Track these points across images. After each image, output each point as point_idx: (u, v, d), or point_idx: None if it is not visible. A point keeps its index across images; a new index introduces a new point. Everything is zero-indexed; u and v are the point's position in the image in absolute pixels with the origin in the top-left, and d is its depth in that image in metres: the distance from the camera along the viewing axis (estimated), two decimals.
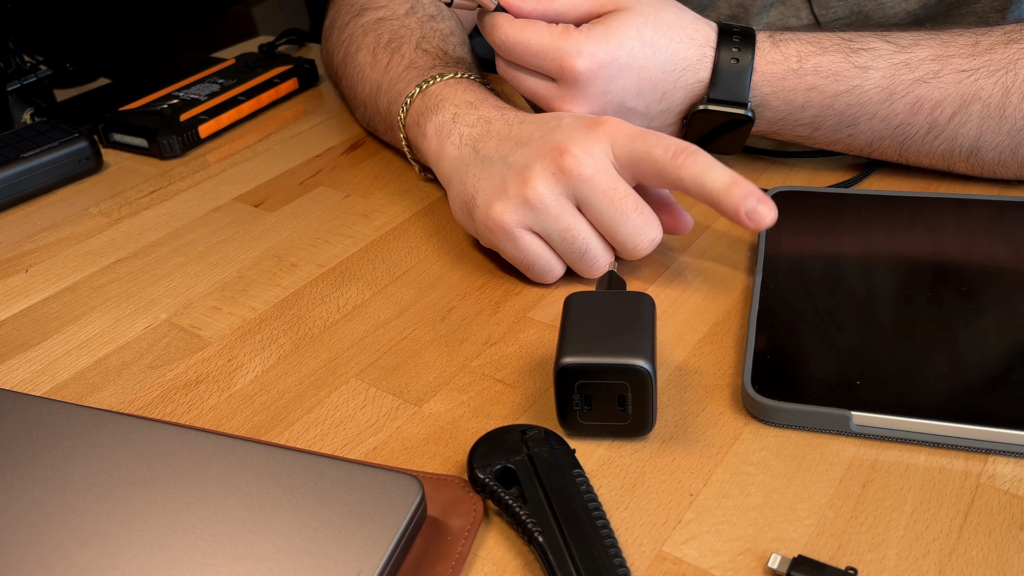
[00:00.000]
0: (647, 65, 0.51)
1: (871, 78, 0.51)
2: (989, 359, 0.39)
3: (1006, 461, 0.36)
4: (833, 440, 0.38)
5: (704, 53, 0.52)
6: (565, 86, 0.51)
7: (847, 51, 0.51)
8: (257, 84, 0.76)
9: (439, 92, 0.54)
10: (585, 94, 0.51)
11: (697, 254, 0.51)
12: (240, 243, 0.57)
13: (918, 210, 0.50)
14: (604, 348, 0.37)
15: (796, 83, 0.52)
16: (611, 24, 0.50)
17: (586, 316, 0.39)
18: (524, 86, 0.53)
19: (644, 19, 0.51)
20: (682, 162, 0.45)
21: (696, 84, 0.52)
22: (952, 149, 0.52)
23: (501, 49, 0.52)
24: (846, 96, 0.51)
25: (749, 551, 0.33)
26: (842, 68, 0.51)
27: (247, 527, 0.33)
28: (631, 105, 0.52)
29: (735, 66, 0.51)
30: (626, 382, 0.37)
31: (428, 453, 0.39)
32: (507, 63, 0.53)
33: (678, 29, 0.52)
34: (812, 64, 0.51)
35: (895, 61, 0.51)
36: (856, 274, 0.46)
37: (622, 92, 0.51)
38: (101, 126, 0.71)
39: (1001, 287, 0.43)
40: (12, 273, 0.56)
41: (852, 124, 0.53)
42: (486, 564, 0.34)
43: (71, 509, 0.34)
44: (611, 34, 0.50)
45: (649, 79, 0.51)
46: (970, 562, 0.32)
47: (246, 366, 0.45)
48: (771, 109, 0.53)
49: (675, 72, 0.52)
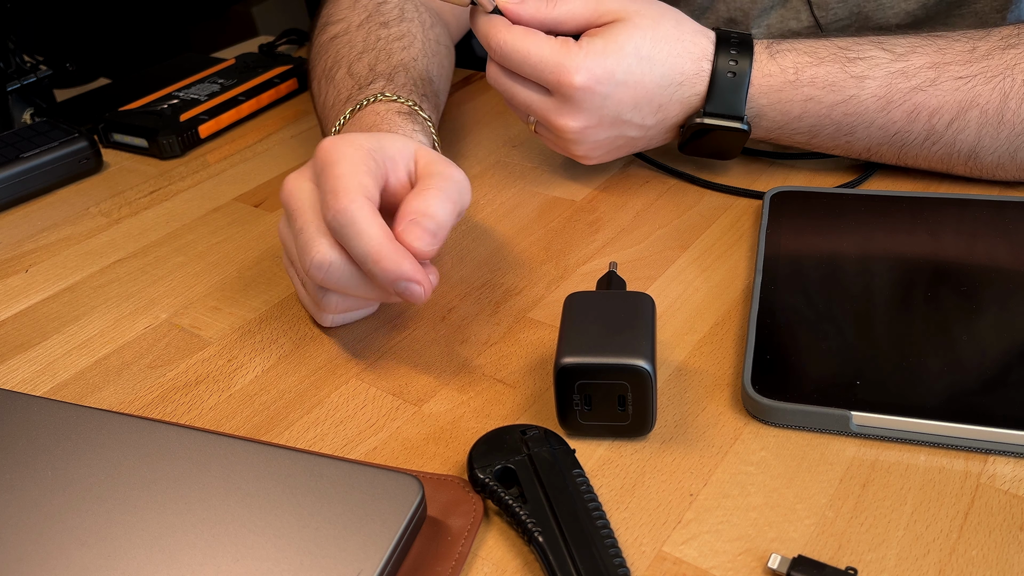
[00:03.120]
0: (643, 80, 0.51)
1: (868, 88, 0.51)
2: (989, 359, 0.39)
3: (1006, 461, 0.36)
4: (833, 440, 0.38)
5: (701, 67, 0.52)
6: (561, 100, 0.51)
7: (843, 61, 0.51)
8: (257, 84, 0.76)
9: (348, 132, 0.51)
10: (581, 109, 0.51)
11: (697, 254, 0.51)
12: (240, 243, 0.57)
13: (918, 210, 0.50)
14: (604, 348, 0.37)
15: (792, 95, 0.52)
16: (610, 38, 0.50)
17: (586, 316, 0.39)
18: (519, 98, 0.53)
19: (643, 33, 0.51)
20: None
21: (692, 97, 0.53)
22: (950, 154, 0.52)
23: (498, 55, 0.52)
24: (843, 106, 0.52)
25: (749, 551, 0.33)
26: (838, 79, 0.51)
27: (247, 527, 0.33)
28: (627, 118, 0.52)
29: (731, 80, 0.52)
30: (626, 382, 0.37)
31: (428, 453, 0.39)
32: (501, 70, 0.53)
33: (676, 43, 0.51)
34: (808, 75, 0.51)
35: (892, 70, 0.51)
36: (856, 274, 0.46)
37: (618, 106, 0.52)
38: (101, 126, 0.71)
39: (1001, 287, 0.43)
40: (12, 273, 0.56)
41: (850, 132, 0.53)
42: (486, 564, 0.34)
43: (71, 509, 0.34)
44: (610, 48, 0.50)
45: (646, 94, 0.52)
46: (970, 562, 0.32)
47: (246, 366, 0.45)
48: (768, 119, 0.53)
49: (671, 87, 0.52)
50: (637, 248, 0.52)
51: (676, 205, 0.56)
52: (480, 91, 0.76)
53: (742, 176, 0.58)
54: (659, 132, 0.55)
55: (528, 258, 0.52)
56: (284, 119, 0.74)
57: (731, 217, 0.54)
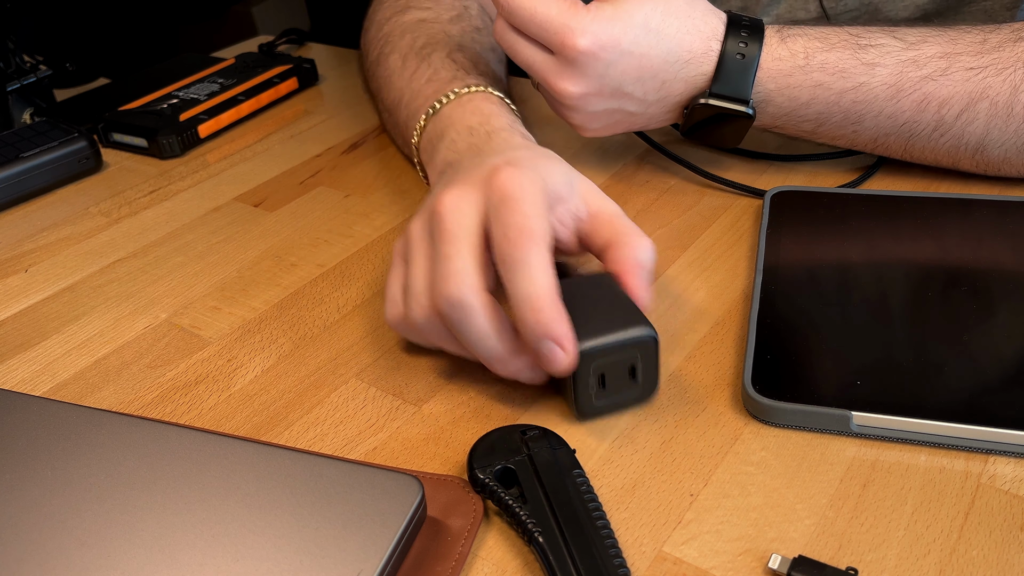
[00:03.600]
0: (649, 53, 0.50)
1: (878, 75, 0.50)
2: (990, 359, 0.39)
3: (1006, 461, 0.36)
4: (833, 440, 0.38)
5: (710, 47, 0.51)
6: (563, 62, 0.50)
7: (854, 47, 0.51)
8: (257, 84, 0.76)
9: (449, 115, 0.52)
10: (583, 74, 0.50)
11: (697, 254, 0.51)
12: (240, 243, 0.57)
13: (918, 210, 0.50)
14: (608, 328, 0.38)
15: (802, 80, 0.51)
16: (620, 5, 0.49)
17: (569, 304, 0.38)
18: (522, 55, 0.52)
19: (655, 5, 0.50)
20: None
21: (699, 77, 0.52)
22: (958, 146, 0.52)
23: (504, 10, 0.50)
24: (852, 93, 0.51)
25: (749, 551, 0.33)
26: (849, 65, 0.51)
27: (247, 527, 0.33)
28: (628, 91, 0.51)
29: (740, 62, 0.51)
30: (637, 353, 0.38)
31: (428, 453, 0.39)
32: (507, 26, 0.52)
33: (687, 19, 0.51)
34: (819, 61, 0.51)
35: (903, 58, 0.50)
36: (856, 274, 0.46)
37: (620, 77, 0.51)
38: (101, 126, 0.71)
39: (1002, 287, 0.43)
40: (12, 273, 0.56)
41: (858, 121, 0.52)
42: (486, 564, 0.34)
43: (71, 509, 0.34)
44: (619, 16, 0.49)
45: (650, 67, 0.51)
46: (970, 562, 0.32)
47: (246, 366, 0.45)
48: (775, 105, 0.53)
49: (677, 64, 0.51)
50: None
51: (676, 205, 0.56)
52: None
53: (742, 176, 0.58)
54: (660, 110, 0.54)
55: None
56: (284, 119, 0.74)
57: (731, 217, 0.54)
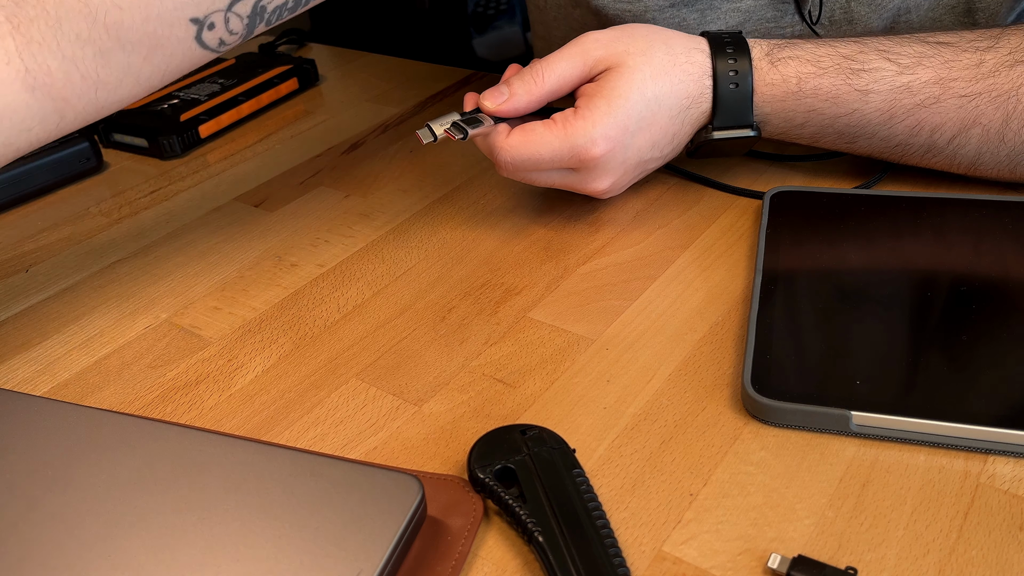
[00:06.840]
0: (656, 120, 0.51)
1: (872, 102, 0.51)
2: (989, 359, 0.39)
3: (1006, 461, 0.36)
4: (833, 440, 0.38)
5: (704, 85, 0.52)
6: (586, 172, 0.51)
7: (847, 72, 0.51)
8: (257, 84, 0.76)
9: None
10: (605, 170, 0.51)
11: (697, 254, 0.51)
12: (240, 243, 0.57)
13: (918, 210, 0.50)
14: None
15: (796, 105, 0.52)
16: (611, 94, 0.49)
17: None
18: (543, 182, 0.52)
19: (641, 74, 0.50)
20: None
21: (701, 116, 0.53)
22: (951, 165, 0.53)
23: (510, 169, 0.50)
24: (846, 118, 0.52)
25: (749, 551, 0.33)
26: (842, 91, 0.51)
27: (247, 527, 0.33)
28: (647, 157, 0.53)
29: (735, 92, 0.51)
30: None
31: (428, 453, 0.39)
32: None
33: (674, 70, 0.51)
34: (811, 87, 0.51)
35: (896, 85, 0.50)
36: (856, 274, 0.46)
37: (638, 153, 0.52)
38: (101, 126, 0.71)
39: (1001, 287, 0.43)
40: (12, 273, 0.56)
41: (852, 140, 0.53)
42: (486, 564, 0.34)
43: (71, 509, 0.34)
44: (614, 106, 0.49)
45: (660, 130, 0.51)
46: (970, 562, 0.32)
47: (246, 366, 0.45)
48: (772, 125, 0.54)
49: (681, 114, 0.52)
50: (637, 248, 0.52)
51: (676, 205, 0.56)
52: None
53: (742, 176, 0.58)
54: (674, 152, 0.55)
55: (528, 258, 0.52)
56: (284, 119, 0.74)
57: (731, 217, 0.54)
